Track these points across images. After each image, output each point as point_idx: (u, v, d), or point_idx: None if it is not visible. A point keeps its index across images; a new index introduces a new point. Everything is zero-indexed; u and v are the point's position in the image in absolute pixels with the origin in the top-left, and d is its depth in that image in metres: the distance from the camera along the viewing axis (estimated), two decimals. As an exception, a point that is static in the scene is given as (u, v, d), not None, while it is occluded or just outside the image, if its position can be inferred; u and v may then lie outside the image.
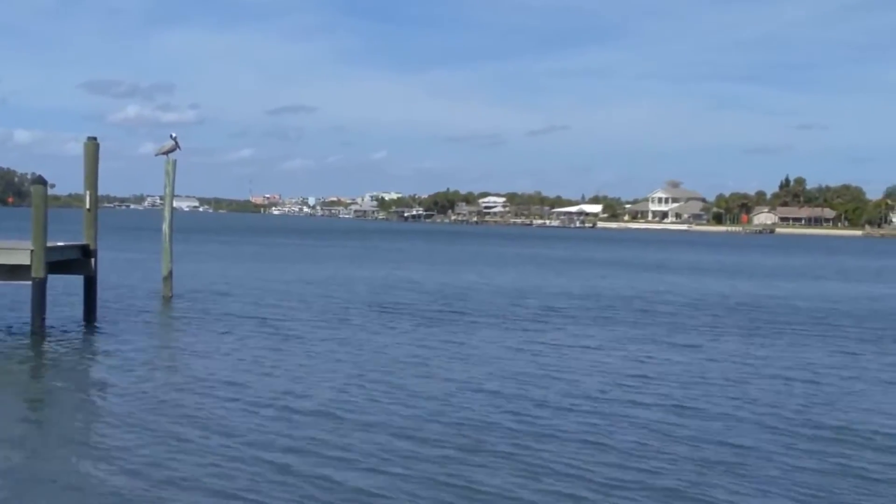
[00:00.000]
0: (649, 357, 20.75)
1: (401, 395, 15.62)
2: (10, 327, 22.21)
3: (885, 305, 35.58)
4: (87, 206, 24.15)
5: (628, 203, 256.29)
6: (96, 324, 23.13)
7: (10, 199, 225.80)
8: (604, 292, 37.66)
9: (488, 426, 13.64)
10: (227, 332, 22.54)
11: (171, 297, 29.27)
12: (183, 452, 11.79)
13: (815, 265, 68.71)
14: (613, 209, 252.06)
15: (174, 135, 30.04)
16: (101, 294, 25.28)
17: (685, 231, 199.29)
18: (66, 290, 27.05)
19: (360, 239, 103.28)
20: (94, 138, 24.34)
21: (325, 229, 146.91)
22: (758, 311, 31.94)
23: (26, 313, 21.68)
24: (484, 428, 13.51)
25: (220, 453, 11.78)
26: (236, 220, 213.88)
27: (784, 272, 58.31)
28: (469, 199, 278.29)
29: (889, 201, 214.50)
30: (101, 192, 25.37)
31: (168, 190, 30.24)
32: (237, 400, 14.91)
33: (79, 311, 24.02)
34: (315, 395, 15.50)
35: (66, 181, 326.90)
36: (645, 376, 18.19)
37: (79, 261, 23.76)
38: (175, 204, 32.12)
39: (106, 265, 29.23)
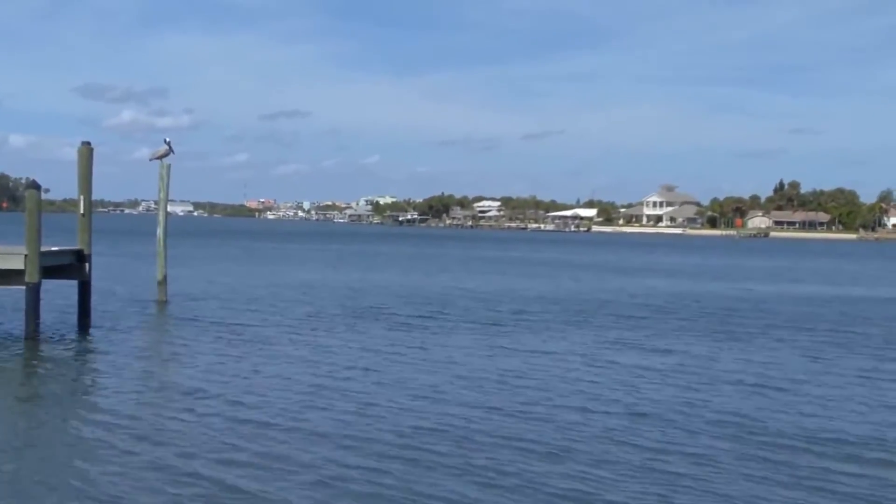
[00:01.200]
0: (611, 362, 20.48)
1: (381, 401, 15.65)
2: (4, 332, 22.19)
3: (856, 309, 35.34)
4: (82, 211, 24.14)
5: (623, 207, 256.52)
6: (90, 329, 23.12)
7: (5, 204, 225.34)
8: (576, 295, 37.66)
9: (438, 433, 13.48)
10: (220, 337, 22.52)
11: (166, 301, 29.28)
12: (176, 456, 11.79)
13: (797, 268, 68.52)
14: (608, 213, 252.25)
15: (168, 139, 30.14)
16: (96, 299, 25.27)
17: (679, 235, 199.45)
18: (60, 294, 27.02)
19: (356, 243, 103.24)
20: (89, 143, 24.34)
21: (318, 233, 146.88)
22: (730, 313, 31.77)
23: (20, 318, 21.68)
24: (434, 434, 13.37)
25: (211, 458, 11.80)
26: (231, 224, 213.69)
27: (763, 275, 58.14)
28: (464, 203, 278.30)
29: (883, 205, 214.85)
30: (95, 196, 25.35)
31: (162, 195, 30.26)
32: (228, 405, 14.89)
33: (73, 316, 24.00)
34: (301, 402, 15.51)
35: (61, 186, 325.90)
36: (602, 381, 17.93)
37: (73, 265, 23.74)
38: (169, 209, 32.15)
39: (100, 270, 29.16)
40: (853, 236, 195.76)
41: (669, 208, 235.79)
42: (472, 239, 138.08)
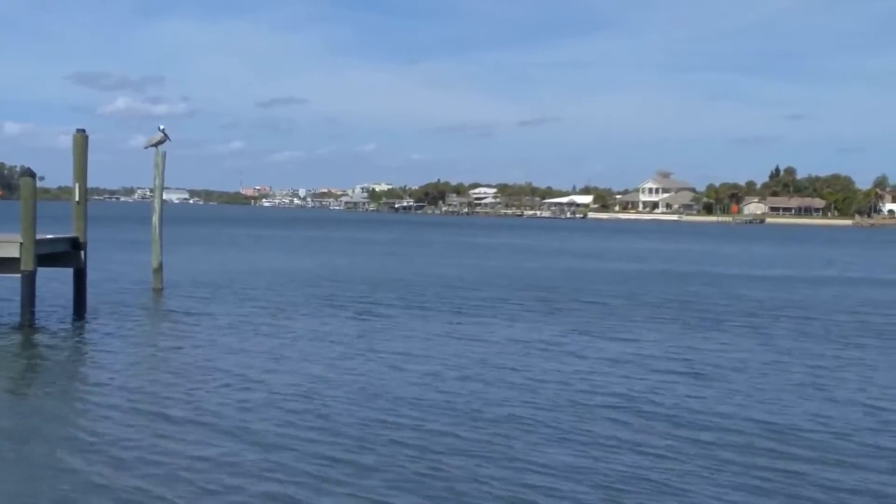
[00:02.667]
0: (545, 349, 20.21)
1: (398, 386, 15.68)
2: (0, 320, 22.18)
3: (822, 295, 34.99)
4: (77, 199, 24.12)
5: (619, 194, 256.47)
6: (86, 316, 23.11)
7: (0, 192, 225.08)
8: (537, 281, 37.66)
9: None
10: (216, 324, 22.54)
11: (162, 289, 29.26)
12: (170, 445, 11.80)
13: (776, 254, 68.55)
14: (604, 200, 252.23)
15: (163, 127, 30.03)
16: (91, 286, 25.26)
17: (675, 221, 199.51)
18: (55, 282, 27.00)
19: (348, 229, 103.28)
20: (83, 130, 24.30)
21: (313, 219, 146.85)
22: (691, 302, 31.27)
23: (16, 306, 21.67)
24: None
25: (206, 447, 11.82)
26: (226, 211, 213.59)
27: (732, 260, 57.96)
28: (460, 190, 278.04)
29: (878, 191, 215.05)
30: (90, 184, 25.34)
31: (157, 182, 30.22)
32: (225, 392, 14.93)
33: (68, 304, 23.99)
34: (295, 388, 15.54)
35: (56, 174, 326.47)
36: (533, 369, 17.67)
37: (68, 253, 23.73)
38: (165, 196, 32.12)
39: (96, 257, 29.14)
40: (849, 222, 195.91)
41: (665, 195, 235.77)
42: (462, 226, 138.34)
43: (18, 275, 20.84)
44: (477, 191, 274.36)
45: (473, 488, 10.37)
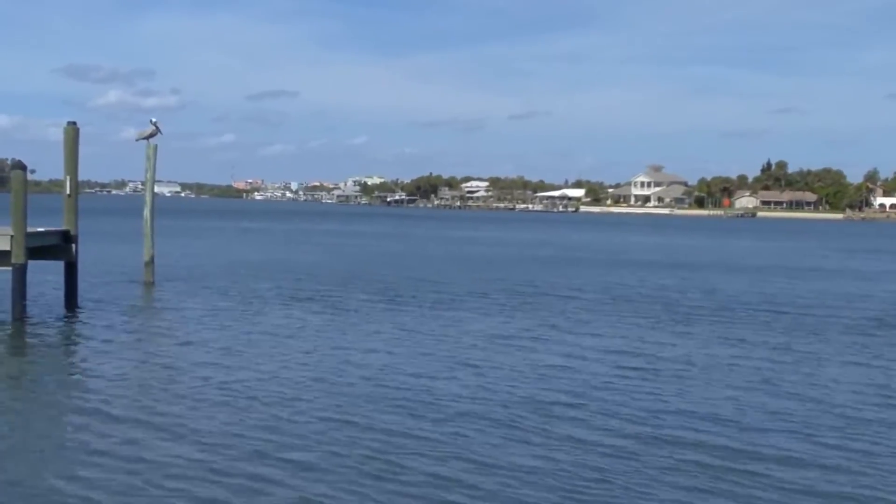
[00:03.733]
0: (480, 342, 20.12)
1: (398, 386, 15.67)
2: (-9, 313, 22.12)
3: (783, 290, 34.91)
4: (68, 192, 24.03)
5: (611, 187, 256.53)
6: (77, 310, 23.05)
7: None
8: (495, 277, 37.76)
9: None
10: (207, 318, 22.48)
11: (153, 282, 29.17)
12: (160, 439, 11.79)
13: (748, 248, 68.70)
14: (596, 193, 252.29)
15: (154, 120, 29.94)
16: (82, 280, 25.18)
17: (667, 215, 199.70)
18: (46, 275, 26.88)
19: (338, 222, 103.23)
20: (74, 123, 24.21)
21: (305, 212, 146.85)
22: (655, 297, 31.27)
23: (6, 299, 21.59)
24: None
25: (194, 440, 11.80)
26: (216, 205, 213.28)
27: (700, 254, 57.74)
28: (452, 183, 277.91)
29: (869, 184, 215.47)
30: (81, 177, 25.28)
31: (149, 175, 30.12)
32: (213, 385, 14.91)
33: (59, 297, 23.92)
34: (285, 381, 15.52)
35: (47, 167, 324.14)
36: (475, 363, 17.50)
37: (59, 246, 23.65)
38: (157, 189, 32.02)
39: (87, 250, 29.04)
40: (840, 216, 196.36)
41: (657, 188, 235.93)
42: (451, 219, 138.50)
43: (9, 268, 20.78)
44: (469, 184, 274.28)
45: (427, 492, 10.13)
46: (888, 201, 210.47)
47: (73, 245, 23.81)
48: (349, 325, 21.95)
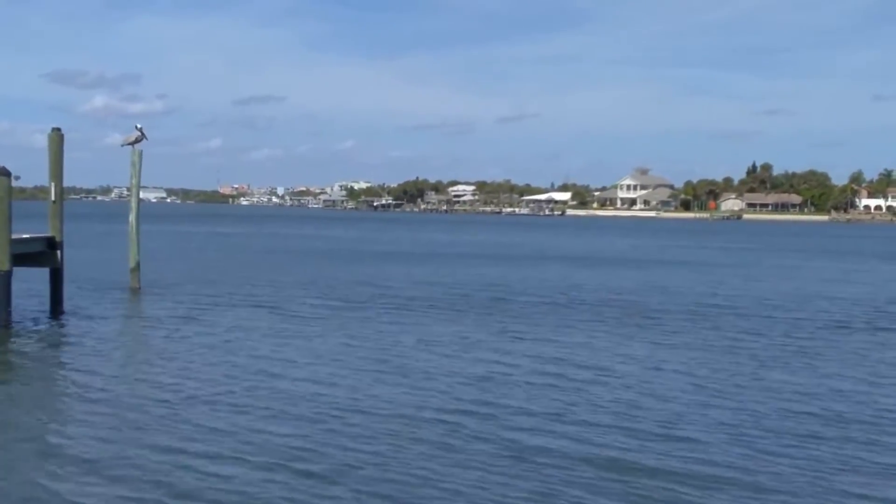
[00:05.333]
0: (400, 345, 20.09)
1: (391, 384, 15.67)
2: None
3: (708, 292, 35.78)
4: (53, 198, 23.95)
5: (597, 190, 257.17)
6: (63, 316, 22.96)
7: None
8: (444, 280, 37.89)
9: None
10: (193, 325, 22.40)
11: (139, 288, 29.08)
12: (143, 447, 11.72)
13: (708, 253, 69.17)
14: (583, 197, 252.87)
15: (140, 125, 29.89)
16: (68, 286, 25.10)
17: (653, 218, 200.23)
18: (31, 282, 26.77)
19: (314, 227, 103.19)
20: (59, 129, 24.15)
21: (290, 217, 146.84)
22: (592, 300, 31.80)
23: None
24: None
25: (179, 447, 11.75)
26: (201, 210, 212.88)
27: (651, 257, 58.09)
28: (438, 187, 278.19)
29: (854, 186, 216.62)
30: (67, 183, 25.20)
31: (134, 181, 30.04)
32: (197, 394, 14.83)
33: (45, 304, 23.83)
34: (261, 389, 15.50)
35: (33, 173, 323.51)
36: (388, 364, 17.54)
37: (44, 253, 23.58)
38: (142, 195, 31.94)
39: (72, 256, 28.92)
40: (825, 218, 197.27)
41: (643, 191, 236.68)
42: (436, 222, 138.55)
43: (-6, 275, 20.66)
44: (456, 188, 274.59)
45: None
46: (873, 203, 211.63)
47: (59, 251, 23.73)
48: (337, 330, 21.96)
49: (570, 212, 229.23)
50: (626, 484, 10.55)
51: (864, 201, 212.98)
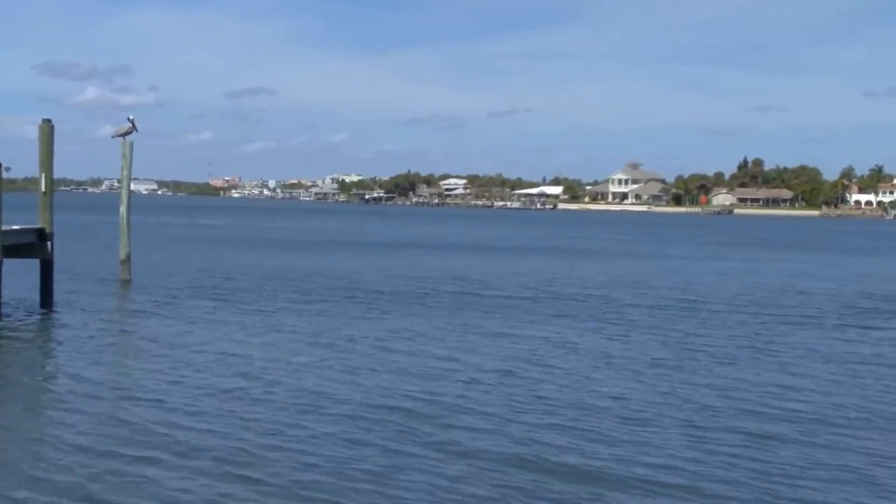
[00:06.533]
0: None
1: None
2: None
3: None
4: (43, 190, 23.89)
5: (589, 185, 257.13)
6: (53, 308, 22.93)
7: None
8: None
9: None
10: (183, 316, 22.43)
11: (129, 280, 29.02)
12: (132, 439, 11.74)
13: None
14: (574, 191, 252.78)
15: (131, 117, 29.82)
16: (58, 278, 25.04)
17: (644, 213, 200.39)
18: (21, 274, 26.67)
19: (302, 219, 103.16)
20: (49, 120, 24.07)
21: (280, 209, 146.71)
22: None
23: (-19, 298, 21.42)
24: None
25: (166, 441, 11.77)
26: (191, 202, 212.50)
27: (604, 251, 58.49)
28: (430, 181, 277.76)
29: (845, 182, 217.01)
30: (58, 175, 25.14)
31: (125, 173, 29.97)
32: (186, 385, 14.85)
33: (35, 296, 23.77)
34: (259, 380, 15.51)
35: (23, 164, 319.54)
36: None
37: (35, 244, 23.52)
38: (133, 187, 31.89)
39: (63, 248, 28.84)
40: (816, 213, 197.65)
41: (635, 186, 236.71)
42: (424, 216, 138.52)
43: (-16, 266, 20.61)
44: (447, 182, 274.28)
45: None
46: (863, 198, 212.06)
47: (49, 243, 23.67)
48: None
49: (561, 206, 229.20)
50: (562, 486, 10.22)
51: (855, 196, 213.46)
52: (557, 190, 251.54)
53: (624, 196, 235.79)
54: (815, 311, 26.54)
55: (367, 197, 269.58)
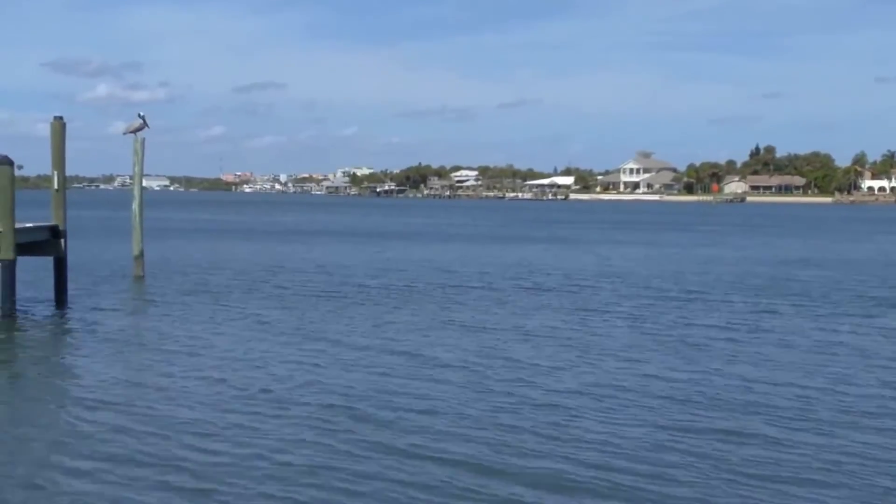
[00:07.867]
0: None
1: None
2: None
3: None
4: (56, 187, 23.93)
5: (600, 174, 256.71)
6: (67, 305, 22.96)
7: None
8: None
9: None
10: (197, 313, 22.38)
11: (143, 276, 29.07)
12: (150, 434, 11.72)
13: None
14: (586, 181, 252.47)
15: (142, 113, 29.87)
16: (72, 275, 25.07)
17: (656, 202, 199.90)
18: (36, 271, 26.74)
19: (330, 212, 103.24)
20: (61, 117, 24.09)
21: (295, 203, 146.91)
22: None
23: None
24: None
25: (183, 434, 11.78)
26: (207, 197, 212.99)
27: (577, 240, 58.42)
28: (441, 173, 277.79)
29: (858, 168, 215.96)
30: (70, 172, 25.20)
31: (137, 169, 30.01)
32: (203, 380, 14.86)
33: (49, 293, 23.81)
34: (276, 375, 15.52)
35: (36, 162, 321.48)
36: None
37: (48, 242, 23.55)
38: (145, 183, 31.93)
39: (76, 245, 28.92)
40: (829, 200, 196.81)
41: (646, 175, 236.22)
42: (432, 207, 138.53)
43: (-2, 264, 20.66)
44: (458, 173, 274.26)
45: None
46: (876, 184, 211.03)
47: (62, 240, 23.71)
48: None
49: (573, 196, 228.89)
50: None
51: (868, 182, 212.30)
52: (569, 180, 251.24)
53: (636, 185, 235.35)
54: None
55: (378, 190, 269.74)
